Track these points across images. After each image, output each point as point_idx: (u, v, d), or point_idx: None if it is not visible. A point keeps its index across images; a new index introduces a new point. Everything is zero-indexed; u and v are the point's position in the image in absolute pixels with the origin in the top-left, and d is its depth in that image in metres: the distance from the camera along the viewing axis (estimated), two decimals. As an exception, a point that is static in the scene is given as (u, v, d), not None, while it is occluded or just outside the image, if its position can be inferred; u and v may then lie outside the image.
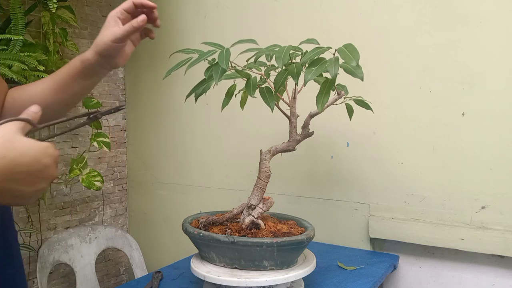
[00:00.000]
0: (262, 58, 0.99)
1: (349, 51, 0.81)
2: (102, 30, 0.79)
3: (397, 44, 1.31)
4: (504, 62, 1.16)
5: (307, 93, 1.02)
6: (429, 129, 1.27)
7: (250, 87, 0.92)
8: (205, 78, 0.94)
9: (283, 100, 1.05)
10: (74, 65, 0.80)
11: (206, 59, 0.91)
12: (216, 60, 0.88)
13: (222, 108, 1.04)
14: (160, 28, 1.95)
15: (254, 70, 1.01)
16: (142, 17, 0.78)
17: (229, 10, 1.64)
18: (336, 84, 0.94)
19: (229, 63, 0.89)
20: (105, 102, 1.90)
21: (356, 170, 1.39)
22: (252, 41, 0.96)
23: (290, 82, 0.93)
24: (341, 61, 0.83)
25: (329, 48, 0.86)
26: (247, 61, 0.99)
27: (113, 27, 0.78)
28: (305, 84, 0.86)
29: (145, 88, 1.92)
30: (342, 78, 0.94)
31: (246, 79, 0.97)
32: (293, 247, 0.92)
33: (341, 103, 1.07)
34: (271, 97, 0.94)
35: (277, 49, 0.88)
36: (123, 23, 0.79)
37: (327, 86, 0.88)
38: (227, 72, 0.98)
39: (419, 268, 1.34)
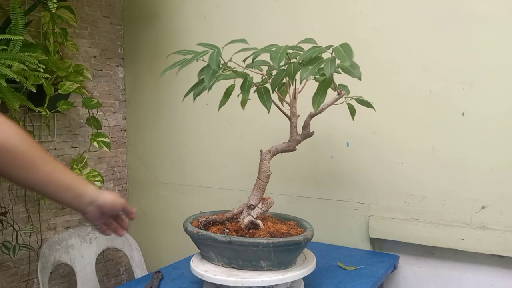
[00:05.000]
0: (265, 58, 0.98)
1: (344, 50, 0.81)
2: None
3: (397, 44, 1.31)
4: (504, 62, 1.16)
5: (308, 93, 1.02)
6: (429, 129, 1.27)
7: (245, 88, 0.92)
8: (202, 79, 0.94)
9: (284, 100, 1.05)
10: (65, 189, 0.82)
11: (202, 59, 0.91)
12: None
13: (220, 107, 1.04)
14: (160, 28, 1.96)
15: (256, 70, 1.01)
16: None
17: (229, 10, 1.64)
18: (338, 83, 0.93)
19: (225, 63, 0.88)
20: (105, 102, 1.90)
21: (356, 170, 1.39)
22: (243, 40, 0.96)
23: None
24: (339, 61, 0.83)
25: (330, 46, 0.86)
26: (244, 61, 0.99)
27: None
28: (300, 82, 0.86)
29: (145, 88, 1.92)
30: (343, 78, 0.94)
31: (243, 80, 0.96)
32: (290, 247, 0.92)
33: (342, 103, 1.07)
34: (268, 97, 0.94)
35: (273, 49, 0.87)
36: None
37: (324, 86, 0.88)
38: (227, 73, 0.98)
39: (419, 268, 1.33)
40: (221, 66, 0.91)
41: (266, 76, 1.01)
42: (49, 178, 0.76)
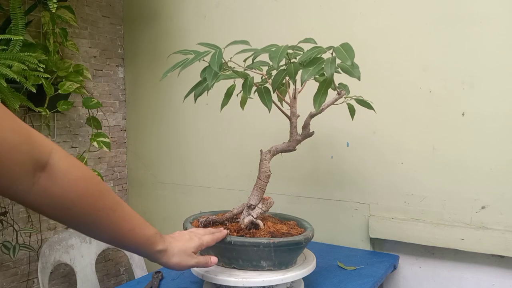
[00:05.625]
0: (265, 58, 0.98)
1: (345, 50, 0.81)
2: (180, 243, 0.84)
3: (397, 44, 1.31)
4: (504, 62, 1.16)
5: (308, 93, 1.02)
6: (429, 129, 1.27)
7: (247, 87, 0.92)
8: (203, 79, 0.94)
9: (284, 100, 1.05)
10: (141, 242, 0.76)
11: (203, 60, 0.91)
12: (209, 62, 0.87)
13: (221, 108, 1.04)
14: (160, 28, 1.96)
15: (256, 70, 1.01)
16: (214, 260, 0.89)
17: (229, 10, 1.64)
18: (338, 83, 0.93)
19: (226, 63, 0.88)
20: (105, 102, 1.90)
21: (356, 170, 1.39)
22: (245, 42, 0.96)
23: (291, 81, 0.93)
24: (339, 61, 0.83)
25: (331, 47, 0.86)
26: (244, 61, 0.99)
27: (189, 258, 0.84)
28: (301, 83, 0.86)
29: (145, 88, 1.92)
30: (344, 77, 0.94)
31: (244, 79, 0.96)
32: (290, 247, 0.92)
33: (342, 103, 1.07)
34: (268, 97, 0.94)
35: (273, 49, 0.87)
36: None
37: (325, 86, 0.88)
38: (227, 73, 0.98)
39: (419, 268, 1.34)
40: (222, 66, 0.91)
41: (266, 76, 1.01)
42: (112, 237, 0.71)
